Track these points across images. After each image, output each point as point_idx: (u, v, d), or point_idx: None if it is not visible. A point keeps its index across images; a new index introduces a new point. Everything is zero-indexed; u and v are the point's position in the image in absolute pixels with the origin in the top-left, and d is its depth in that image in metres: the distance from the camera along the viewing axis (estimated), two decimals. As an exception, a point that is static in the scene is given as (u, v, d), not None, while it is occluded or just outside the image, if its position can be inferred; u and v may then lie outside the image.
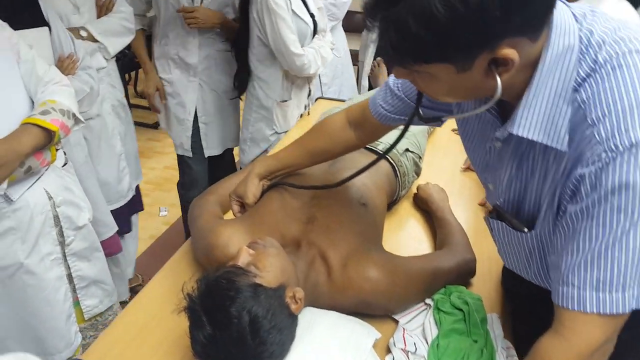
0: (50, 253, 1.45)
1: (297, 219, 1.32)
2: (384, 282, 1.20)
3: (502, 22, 0.67)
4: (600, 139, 0.72)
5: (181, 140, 2.54)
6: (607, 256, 0.74)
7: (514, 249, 1.02)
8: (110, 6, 2.08)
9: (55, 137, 1.33)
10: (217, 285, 0.99)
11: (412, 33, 0.68)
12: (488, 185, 1.06)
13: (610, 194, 0.72)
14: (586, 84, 0.75)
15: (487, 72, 0.74)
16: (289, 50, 2.16)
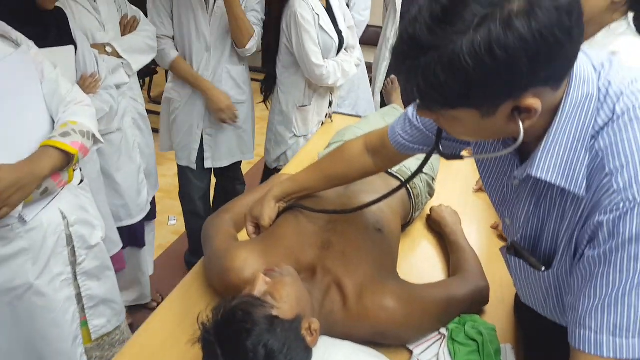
0: (60, 273, 1.43)
1: (313, 243, 1.31)
2: (400, 312, 1.19)
3: (529, 76, 0.69)
4: (618, 189, 0.75)
5: (188, 152, 2.56)
6: (624, 302, 0.76)
7: (530, 286, 1.03)
8: (135, 25, 2.12)
9: (75, 160, 1.33)
10: (233, 316, 0.98)
11: (440, 82, 0.71)
12: (505, 220, 1.07)
13: (628, 242, 0.74)
14: (604, 133, 0.78)
15: (510, 117, 0.77)
16: (310, 61, 2.37)
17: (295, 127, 2.61)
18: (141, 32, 2.13)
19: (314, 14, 2.37)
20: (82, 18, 1.84)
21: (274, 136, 2.68)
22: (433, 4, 0.70)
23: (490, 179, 1.08)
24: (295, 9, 2.31)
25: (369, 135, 1.38)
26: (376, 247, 1.33)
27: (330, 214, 1.38)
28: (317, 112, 2.63)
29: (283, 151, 2.67)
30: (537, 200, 0.92)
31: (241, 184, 2.92)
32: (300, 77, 2.51)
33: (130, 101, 2.14)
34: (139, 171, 2.20)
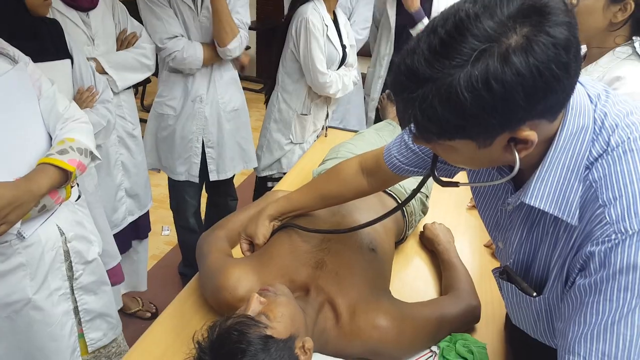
0: (58, 288, 1.45)
1: (306, 263, 1.33)
2: (392, 331, 1.21)
3: (525, 109, 0.70)
4: (611, 220, 0.76)
5: (187, 167, 2.52)
6: (613, 331, 0.76)
7: (522, 309, 1.05)
8: (133, 41, 2.10)
9: (72, 177, 1.34)
10: (228, 336, 0.99)
11: (437, 114, 0.72)
12: (498, 243, 1.09)
13: (619, 273, 0.75)
14: (598, 164, 0.80)
15: (506, 148, 0.78)
16: (315, 67, 2.45)
17: (292, 133, 2.66)
18: (136, 49, 2.11)
19: (323, 24, 2.43)
20: (69, 31, 1.82)
21: (267, 142, 2.72)
22: (431, 37, 0.71)
23: (484, 204, 1.10)
24: (307, 15, 2.39)
25: (364, 156, 1.40)
26: (370, 266, 1.35)
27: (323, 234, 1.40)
28: (314, 122, 2.70)
29: (276, 158, 2.70)
30: (530, 227, 0.94)
31: (233, 199, 2.91)
32: (303, 85, 2.57)
33: (117, 119, 2.10)
34: (118, 189, 2.19)
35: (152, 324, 1.40)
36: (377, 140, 2.23)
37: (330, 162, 1.96)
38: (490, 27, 0.68)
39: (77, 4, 1.89)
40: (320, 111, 2.71)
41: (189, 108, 2.40)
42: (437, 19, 0.73)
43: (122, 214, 2.25)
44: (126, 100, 2.17)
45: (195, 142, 2.47)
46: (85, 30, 1.93)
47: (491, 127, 0.73)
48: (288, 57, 2.55)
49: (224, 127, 2.49)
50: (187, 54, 2.23)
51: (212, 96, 2.41)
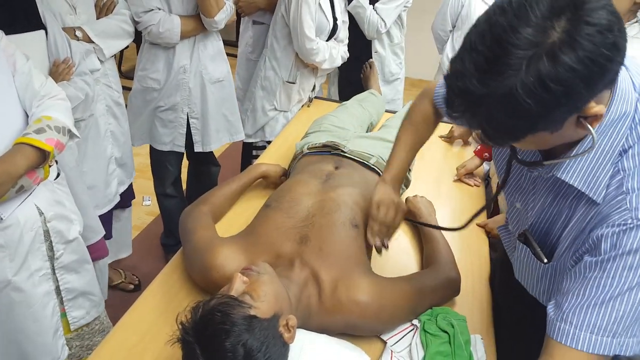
0: (39, 269, 1.44)
1: (291, 238, 1.34)
2: (372, 305, 1.23)
3: (587, 94, 0.74)
4: (630, 207, 0.82)
5: (172, 137, 2.49)
6: (609, 305, 0.83)
7: (529, 270, 1.13)
8: (111, 8, 2.04)
9: (50, 157, 1.32)
10: (211, 317, 0.99)
11: (506, 124, 0.76)
12: (515, 204, 1.14)
13: (627, 254, 0.82)
14: (630, 154, 0.85)
15: (577, 125, 0.81)
16: (304, 32, 2.38)
17: (277, 100, 2.63)
18: (116, 15, 2.06)
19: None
20: (51, 1, 1.77)
21: (251, 106, 2.69)
22: (474, 56, 0.73)
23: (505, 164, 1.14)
24: None
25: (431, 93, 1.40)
26: (352, 242, 1.36)
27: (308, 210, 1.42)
28: (299, 91, 2.67)
29: (260, 125, 2.68)
30: (555, 197, 0.99)
31: (215, 166, 2.90)
32: (291, 52, 2.52)
33: (103, 88, 2.08)
34: (109, 162, 2.16)
35: (136, 300, 1.39)
36: (360, 111, 2.22)
37: (312, 136, 1.95)
38: (529, 34, 0.69)
39: None
40: (306, 81, 2.67)
41: (173, 79, 2.35)
42: (472, 37, 0.74)
43: (114, 188, 2.22)
44: (110, 68, 2.13)
45: (180, 112, 2.43)
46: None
47: (560, 116, 0.76)
48: (278, 21, 2.50)
49: (209, 98, 2.44)
50: (164, 28, 2.17)
51: (195, 67, 2.36)
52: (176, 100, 2.39)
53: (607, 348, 0.85)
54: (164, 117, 2.44)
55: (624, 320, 0.83)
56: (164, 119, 2.44)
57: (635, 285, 0.82)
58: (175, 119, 2.44)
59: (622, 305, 0.83)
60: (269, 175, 1.82)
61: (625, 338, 0.84)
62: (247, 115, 2.72)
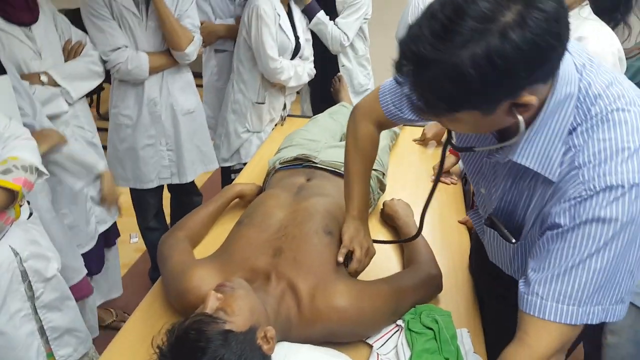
0: (19, 310, 1.42)
1: (265, 252, 1.34)
2: (350, 310, 1.23)
3: (526, 79, 0.78)
4: (583, 180, 0.86)
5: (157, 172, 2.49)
6: (572, 274, 0.88)
7: (500, 251, 1.18)
8: (79, 50, 2.06)
9: (19, 196, 1.32)
10: (186, 336, 0.99)
11: (446, 92, 0.79)
12: (480, 190, 1.18)
13: (584, 224, 0.86)
14: (579, 131, 0.89)
15: (508, 112, 0.85)
16: (266, 53, 2.46)
17: (248, 122, 2.68)
18: (84, 57, 2.06)
19: (275, 13, 2.45)
20: (14, 48, 1.78)
21: (225, 131, 2.73)
22: (432, 22, 0.76)
23: (468, 154, 1.18)
24: (258, 3, 2.41)
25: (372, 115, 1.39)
26: (327, 250, 1.36)
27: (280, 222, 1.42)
28: (269, 111, 2.71)
29: (235, 148, 2.72)
30: (514, 180, 1.03)
31: (197, 195, 2.90)
32: (257, 73, 2.59)
33: (75, 129, 2.07)
34: (86, 200, 2.13)
35: (119, 330, 1.38)
36: (331, 123, 2.24)
37: (284, 151, 1.96)
38: (486, 8, 0.73)
39: (18, 20, 1.83)
40: (275, 100, 2.71)
41: (145, 113, 2.36)
42: (434, 5, 0.78)
43: (93, 224, 2.20)
44: (82, 109, 2.13)
45: (159, 145, 2.43)
46: (31, 45, 1.88)
47: (495, 97, 0.80)
48: (241, 45, 2.57)
49: (181, 129, 2.45)
50: (132, 66, 2.19)
51: (165, 99, 2.37)
52: (151, 133, 2.40)
53: (574, 317, 0.89)
54: (145, 155, 2.44)
55: (587, 287, 0.87)
56: (145, 156, 2.44)
57: (595, 252, 0.85)
58: (155, 153, 2.45)
59: (584, 273, 0.86)
60: (244, 195, 1.82)
61: (591, 306, 0.88)
62: (221, 140, 2.75)
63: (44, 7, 1.92)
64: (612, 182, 0.83)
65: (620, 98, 0.88)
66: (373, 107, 1.37)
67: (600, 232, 0.85)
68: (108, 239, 2.42)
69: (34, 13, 1.87)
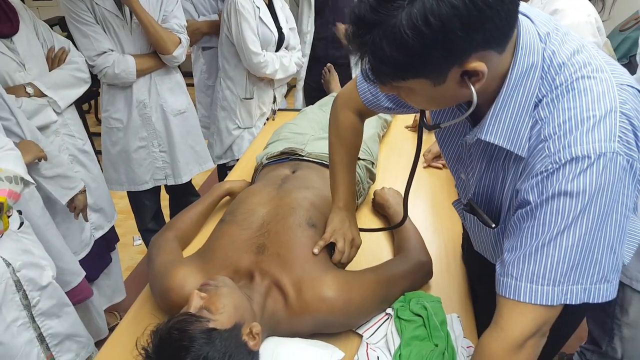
0: (16, 319, 1.44)
1: (248, 250, 1.34)
2: (339, 300, 1.23)
3: (466, 40, 0.75)
4: (549, 153, 0.83)
5: (151, 174, 2.51)
6: (543, 252, 0.84)
7: (482, 238, 1.14)
8: (63, 57, 2.05)
9: (4, 207, 1.33)
10: (169, 336, 1.00)
11: (387, 56, 0.77)
12: (460, 175, 1.16)
13: (551, 198, 0.83)
14: (544, 102, 0.86)
15: (460, 82, 0.82)
16: (248, 48, 2.45)
17: (239, 118, 2.68)
18: (68, 65, 2.06)
19: (254, 6, 2.44)
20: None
21: (216, 129, 2.74)
22: None
23: (445, 139, 1.17)
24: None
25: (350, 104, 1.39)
26: (311, 242, 1.36)
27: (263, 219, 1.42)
28: (259, 106, 2.71)
29: (228, 145, 2.73)
30: (489, 161, 1.01)
31: (195, 195, 2.91)
32: (242, 69, 2.58)
33: (65, 138, 2.07)
34: None
35: (111, 333, 1.39)
36: (320, 114, 2.23)
37: (271, 146, 1.97)
38: None
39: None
40: (264, 94, 2.72)
41: (135, 116, 2.37)
42: None
43: (88, 231, 2.23)
44: (71, 117, 2.13)
45: (151, 147, 2.45)
46: (13, 56, 1.87)
47: (437, 61, 0.77)
48: (224, 42, 2.57)
49: (173, 130, 2.46)
50: (119, 69, 2.20)
51: (155, 100, 2.38)
52: (143, 135, 2.41)
53: (549, 297, 0.85)
54: (137, 157, 2.45)
55: (561, 266, 0.84)
56: (138, 158, 2.46)
57: (565, 229, 0.82)
58: (148, 155, 2.46)
59: (556, 251, 0.83)
60: (233, 192, 1.83)
61: (567, 285, 0.84)
62: (214, 139, 2.76)
63: (23, 16, 1.91)
64: (578, 152, 0.80)
65: (586, 66, 0.85)
66: (352, 95, 1.37)
67: (568, 207, 0.81)
68: (108, 244, 2.44)
69: (14, 24, 1.86)
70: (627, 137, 0.81)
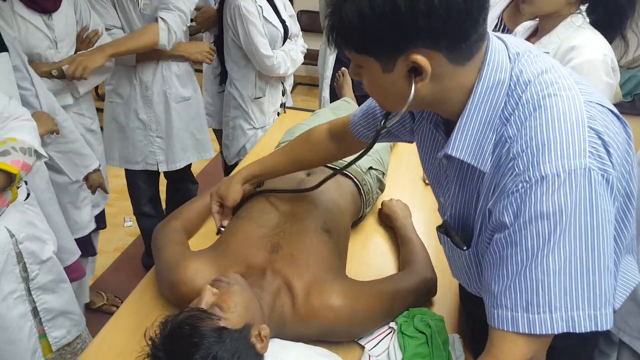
0: (13, 291, 1.42)
1: (262, 248, 1.34)
2: (346, 309, 1.23)
3: (412, 25, 0.77)
4: (519, 171, 0.82)
5: (144, 156, 2.49)
6: (532, 279, 0.81)
7: (456, 262, 1.12)
8: (94, 40, 2.02)
9: (17, 179, 1.31)
10: (180, 331, 0.99)
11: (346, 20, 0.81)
12: (440, 199, 1.15)
13: (529, 222, 0.80)
14: (512, 120, 0.86)
15: (407, 77, 0.85)
16: (260, 52, 2.41)
17: (253, 119, 2.64)
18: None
19: (257, 6, 2.39)
20: (29, 37, 1.75)
21: (231, 130, 2.69)
22: None
23: (426, 161, 1.16)
24: (238, 2, 2.34)
25: (334, 122, 1.43)
26: (324, 248, 1.36)
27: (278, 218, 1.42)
28: (272, 103, 2.69)
29: (242, 144, 2.69)
30: (463, 182, 1.00)
31: (193, 183, 2.89)
32: (251, 70, 2.55)
33: (74, 116, 2.05)
34: (81, 188, 2.11)
35: (111, 318, 1.38)
36: (332, 118, 2.22)
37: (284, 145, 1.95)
38: None
39: (41, 7, 1.81)
40: (275, 90, 2.70)
41: (137, 96, 2.36)
42: None
43: (87, 214, 2.18)
44: (84, 96, 2.10)
45: (149, 130, 2.43)
46: (48, 33, 1.85)
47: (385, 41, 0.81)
48: (230, 45, 2.51)
49: (173, 117, 2.44)
50: None
51: (159, 85, 2.36)
52: (142, 116, 2.39)
53: (547, 325, 0.81)
54: (134, 137, 2.44)
55: (552, 289, 0.80)
56: (134, 138, 2.44)
57: (549, 252, 0.79)
58: (145, 137, 2.45)
59: (544, 275, 0.80)
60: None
61: (565, 312, 0.80)
62: (229, 140, 2.73)
63: None
64: (547, 171, 0.78)
65: (552, 84, 0.85)
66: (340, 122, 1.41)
67: (547, 229, 0.78)
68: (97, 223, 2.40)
69: (57, 1, 1.84)
70: (598, 152, 0.80)
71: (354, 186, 1.72)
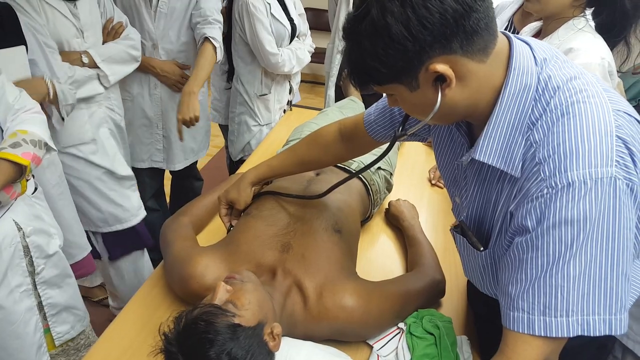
0: (20, 285, 1.41)
1: (273, 247, 1.33)
2: (358, 310, 1.23)
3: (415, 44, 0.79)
4: (544, 176, 0.82)
5: (149, 154, 2.49)
6: (552, 284, 0.82)
7: (471, 263, 1.11)
8: (120, 31, 2.01)
9: (27, 171, 1.30)
10: (195, 326, 0.98)
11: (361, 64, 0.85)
12: (455, 199, 1.15)
13: (552, 228, 0.81)
14: (538, 125, 0.86)
15: (435, 88, 0.85)
16: (265, 49, 2.41)
17: (258, 116, 2.64)
18: (125, 40, 2.01)
19: (265, 3, 2.39)
20: (57, 24, 1.74)
21: (236, 127, 2.70)
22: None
23: (444, 161, 1.16)
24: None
25: (343, 121, 1.42)
26: (335, 248, 1.35)
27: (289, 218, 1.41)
28: (278, 100, 2.69)
29: (247, 141, 2.69)
30: (482, 184, 1.00)
31: (198, 179, 2.88)
32: (257, 67, 2.55)
33: (106, 111, 2.04)
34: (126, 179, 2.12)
35: (118, 314, 1.38)
36: (340, 117, 2.22)
37: (293, 143, 1.95)
38: None
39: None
40: (281, 88, 2.70)
41: (145, 93, 2.35)
42: None
43: (136, 199, 2.20)
44: (114, 90, 2.09)
45: (155, 128, 2.42)
46: (74, 21, 1.83)
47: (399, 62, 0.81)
48: (237, 42, 2.52)
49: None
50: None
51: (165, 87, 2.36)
52: (149, 114, 2.39)
53: (563, 329, 0.82)
54: (140, 134, 2.43)
55: (571, 295, 0.81)
56: (140, 135, 2.44)
57: (570, 258, 0.80)
58: (151, 135, 2.44)
59: (564, 281, 0.81)
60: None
61: (582, 316, 0.81)
62: (235, 136, 2.73)
63: None
64: (574, 177, 0.79)
65: (581, 91, 0.85)
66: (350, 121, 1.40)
67: (570, 235, 0.79)
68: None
69: None
70: (624, 161, 0.80)
71: (362, 186, 1.72)
